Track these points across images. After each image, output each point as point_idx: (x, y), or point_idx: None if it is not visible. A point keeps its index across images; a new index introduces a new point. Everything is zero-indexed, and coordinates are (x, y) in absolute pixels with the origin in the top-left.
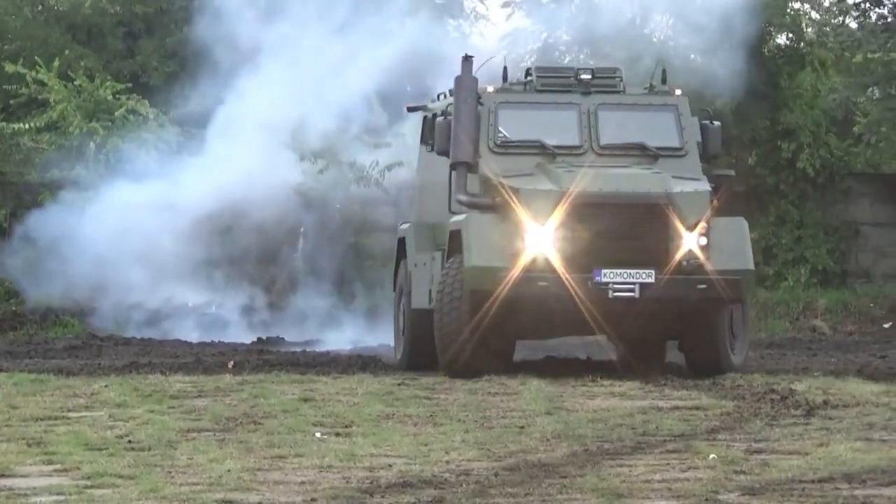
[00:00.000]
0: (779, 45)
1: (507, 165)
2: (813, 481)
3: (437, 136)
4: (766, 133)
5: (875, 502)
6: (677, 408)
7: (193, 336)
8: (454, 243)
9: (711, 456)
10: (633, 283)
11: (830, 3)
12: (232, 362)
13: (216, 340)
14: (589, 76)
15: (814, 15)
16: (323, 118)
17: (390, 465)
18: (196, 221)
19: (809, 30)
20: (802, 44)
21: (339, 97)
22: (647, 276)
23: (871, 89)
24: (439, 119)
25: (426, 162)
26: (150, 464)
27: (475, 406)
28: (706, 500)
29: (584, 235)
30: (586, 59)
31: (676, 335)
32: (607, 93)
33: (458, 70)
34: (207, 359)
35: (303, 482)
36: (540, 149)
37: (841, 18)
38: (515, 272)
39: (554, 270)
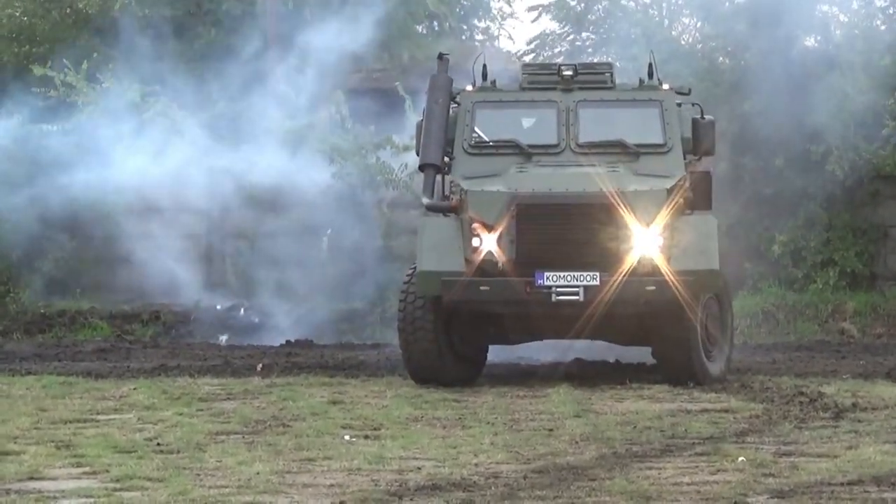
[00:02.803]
0: (807, 47)
1: (482, 167)
2: (842, 484)
3: (416, 138)
4: (794, 136)
5: None
6: (706, 410)
7: (222, 339)
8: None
9: (740, 458)
10: (577, 286)
11: (859, 6)
12: (260, 365)
13: (245, 343)
14: (571, 73)
15: (842, 18)
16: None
17: (419, 468)
18: (224, 223)
19: (838, 32)
20: (830, 46)
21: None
22: (592, 278)
23: None
24: (417, 121)
25: None
26: (178, 466)
27: (504, 409)
28: (735, 502)
29: (530, 238)
30: (614, 61)
31: (644, 340)
32: (590, 89)
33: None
34: (236, 361)
35: (331, 485)
36: (515, 149)
37: (869, 22)
38: (461, 277)
39: (497, 274)
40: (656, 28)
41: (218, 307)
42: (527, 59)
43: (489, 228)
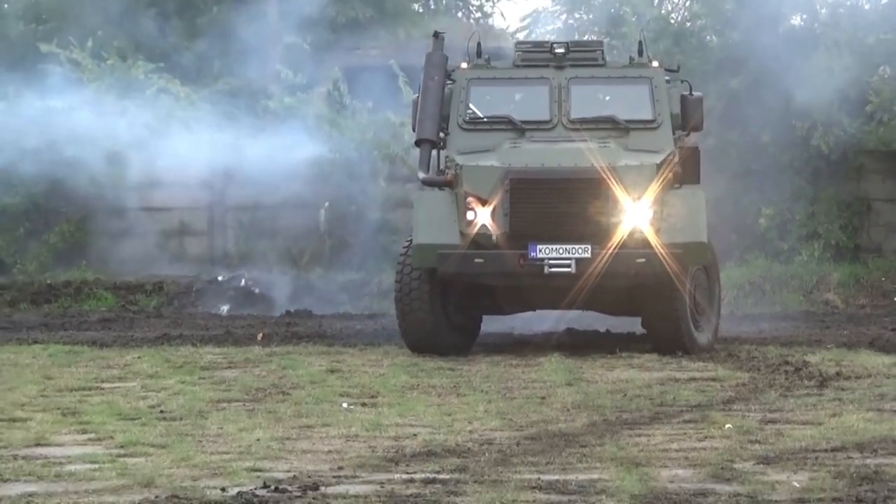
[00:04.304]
0: (793, 25)
1: (477, 142)
2: (826, 450)
3: (412, 115)
4: (780, 112)
5: (886, 471)
6: (694, 379)
7: (223, 309)
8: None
9: (727, 426)
10: (569, 259)
11: None
12: (261, 334)
13: (245, 313)
14: (563, 50)
15: None
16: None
17: (415, 435)
18: (226, 197)
19: (823, 11)
20: (816, 24)
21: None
22: (584, 250)
23: (882, 68)
24: (412, 97)
25: None
26: (181, 433)
27: (497, 377)
28: (722, 468)
29: (523, 211)
30: (605, 39)
31: (634, 311)
32: (582, 66)
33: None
34: (237, 331)
35: (330, 451)
36: (509, 124)
37: (853, 0)
38: (455, 250)
39: (491, 247)
40: (646, 7)
41: (219, 278)
42: (520, 36)
43: (483, 202)
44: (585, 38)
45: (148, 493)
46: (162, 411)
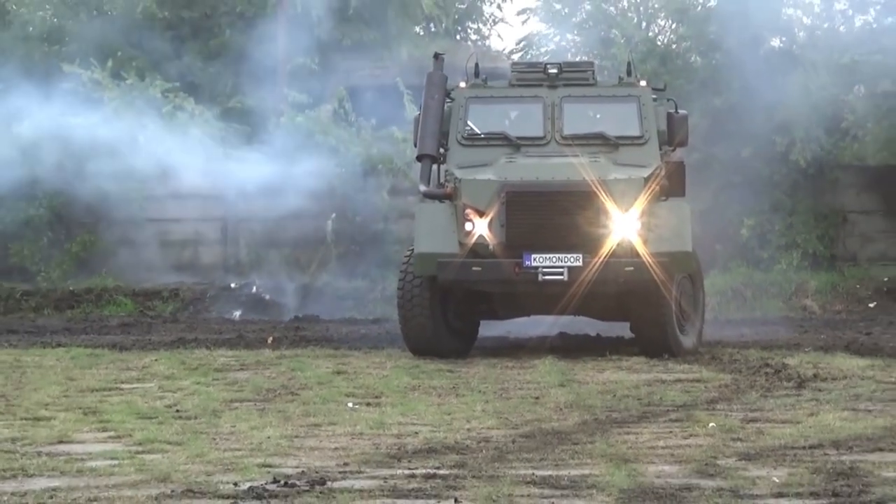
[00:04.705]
0: (773, 47)
1: (474, 157)
2: (804, 448)
3: (413, 131)
4: (761, 128)
5: (860, 467)
6: (679, 380)
7: (236, 314)
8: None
9: (711, 424)
10: (562, 267)
11: (820, 9)
12: (271, 338)
13: (256, 318)
14: (556, 71)
15: (805, 20)
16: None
17: (416, 433)
18: (238, 209)
19: (801, 33)
20: (795, 46)
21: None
22: (576, 259)
23: (857, 87)
24: (414, 115)
25: None
26: (196, 431)
27: (494, 378)
28: (706, 464)
29: (518, 222)
30: (596, 60)
31: (623, 316)
32: (574, 86)
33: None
34: (249, 335)
35: (336, 448)
36: (505, 140)
37: (829, 23)
38: (455, 259)
39: (488, 256)
40: (634, 30)
41: (232, 285)
42: (515, 57)
43: (481, 214)
44: (577, 59)
45: (164, 488)
46: (178, 410)
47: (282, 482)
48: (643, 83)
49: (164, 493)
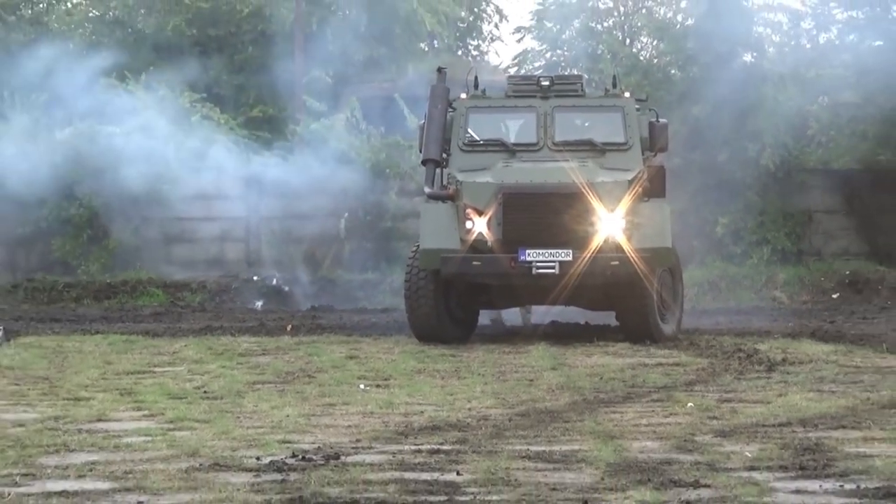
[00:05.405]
0: (745, 62)
1: (474, 161)
2: (773, 425)
3: (418, 138)
4: (734, 135)
5: (825, 443)
6: (661, 364)
7: (258, 304)
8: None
9: (689, 404)
10: (554, 261)
11: (788, 28)
12: (290, 326)
13: (276, 308)
14: (548, 83)
15: (774, 38)
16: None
17: (422, 412)
18: (260, 209)
19: (771, 49)
20: (765, 61)
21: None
22: (566, 254)
23: (821, 98)
24: (419, 123)
25: None
26: (222, 410)
27: (493, 362)
28: (684, 440)
29: (514, 221)
30: (585, 74)
31: (609, 306)
32: (564, 97)
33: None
34: (269, 323)
35: (349, 426)
36: (502, 146)
37: (796, 41)
38: (456, 254)
39: (486, 251)
40: (619, 46)
41: (254, 278)
42: (511, 71)
43: (480, 213)
44: (567, 72)
45: (193, 462)
46: (205, 392)
47: (300, 457)
48: (627, 94)
49: (193, 467)
